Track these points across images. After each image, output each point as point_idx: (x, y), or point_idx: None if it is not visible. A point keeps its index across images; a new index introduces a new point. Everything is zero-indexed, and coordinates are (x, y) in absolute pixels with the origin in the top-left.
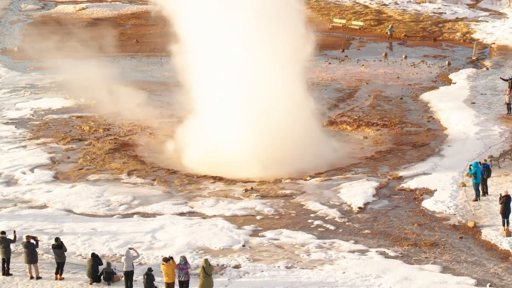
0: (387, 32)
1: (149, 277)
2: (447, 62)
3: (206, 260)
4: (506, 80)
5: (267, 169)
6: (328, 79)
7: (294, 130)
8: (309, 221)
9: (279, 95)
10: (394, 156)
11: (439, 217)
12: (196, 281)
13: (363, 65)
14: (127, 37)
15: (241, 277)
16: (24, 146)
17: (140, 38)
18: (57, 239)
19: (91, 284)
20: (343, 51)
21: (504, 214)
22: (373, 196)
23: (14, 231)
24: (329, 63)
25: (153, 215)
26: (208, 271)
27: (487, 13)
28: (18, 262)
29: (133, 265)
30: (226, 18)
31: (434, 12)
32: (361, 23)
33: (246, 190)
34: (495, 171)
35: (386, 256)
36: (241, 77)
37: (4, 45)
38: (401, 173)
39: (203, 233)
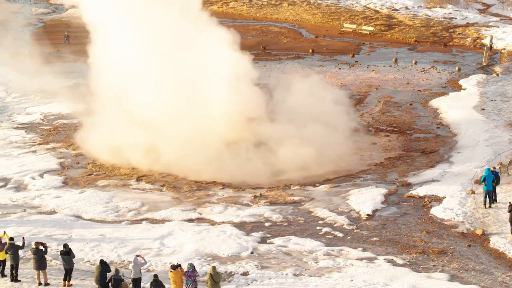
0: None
1: (157, 283)
2: (457, 68)
3: (213, 268)
4: None
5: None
6: (338, 84)
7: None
8: (318, 228)
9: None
10: (403, 162)
11: (447, 225)
12: None
13: (373, 70)
14: None
15: (249, 284)
16: (34, 151)
17: None
18: (65, 246)
19: None
20: (353, 56)
21: None
22: (382, 203)
23: (23, 238)
24: (339, 68)
25: (162, 221)
26: (215, 278)
27: (497, 19)
28: (26, 268)
29: (141, 272)
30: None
31: (444, 17)
32: (372, 28)
33: (255, 197)
34: (504, 178)
35: (394, 264)
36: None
37: (15, 49)
38: (410, 180)
39: (212, 239)
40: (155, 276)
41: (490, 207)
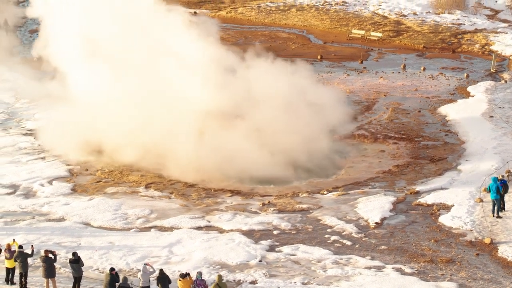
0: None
1: (163, 276)
2: (465, 75)
3: (219, 276)
4: None
5: None
6: (347, 91)
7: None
8: (326, 236)
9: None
10: (411, 170)
11: (455, 233)
12: None
13: (381, 77)
14: None
15: None
16: (43, 158)
17: None
18: (74, 254)
19: None
20: (361, 62)
21: None
22: (390, 211)
23: (32, 246)
24: (348, 74)
25: (170, 229)
26: (223, 287)
27: (506, 25)
28: (35, 276)
29: (149, 281)
30: None
31: (453, 23)
32: (380, 34)
33: (263, 204)
34: None
35: (403, 272)
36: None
37: (24, 54)
38: (418, 188)
39: (220, 247)
40: (161, 270)
41: (498, 215)
